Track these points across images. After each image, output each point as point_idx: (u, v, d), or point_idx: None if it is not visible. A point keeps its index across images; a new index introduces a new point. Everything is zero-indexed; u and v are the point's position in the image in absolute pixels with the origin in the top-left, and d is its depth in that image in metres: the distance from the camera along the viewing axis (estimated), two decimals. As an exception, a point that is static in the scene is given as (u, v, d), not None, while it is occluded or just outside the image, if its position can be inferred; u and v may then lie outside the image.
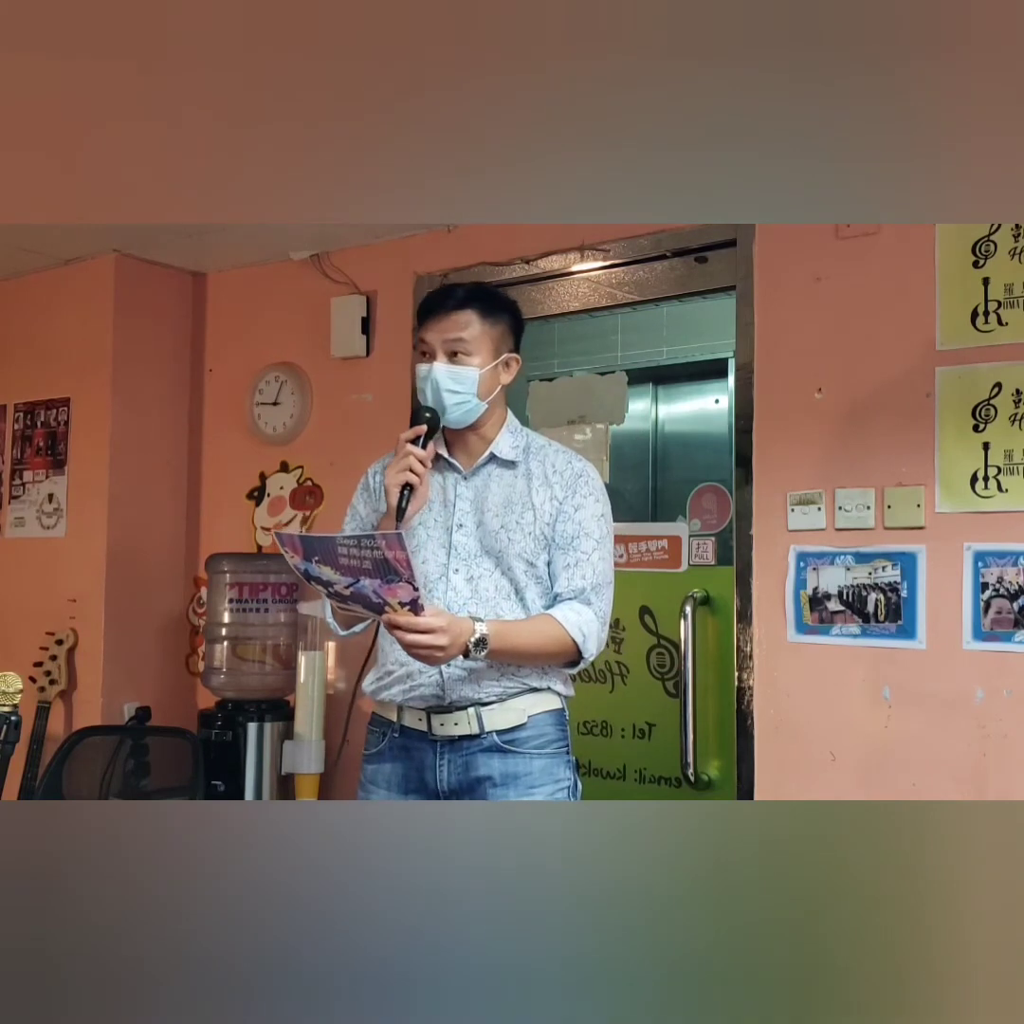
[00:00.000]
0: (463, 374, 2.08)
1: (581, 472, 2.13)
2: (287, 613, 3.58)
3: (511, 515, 2.09)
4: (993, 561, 2.49)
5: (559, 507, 2.09)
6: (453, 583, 2.07)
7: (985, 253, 2.55)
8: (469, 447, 2.16)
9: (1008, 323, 2.50)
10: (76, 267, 3.91)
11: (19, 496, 4.07)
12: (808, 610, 2.74)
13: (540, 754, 2.06)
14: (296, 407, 3.79)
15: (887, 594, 2.63)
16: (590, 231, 3.13)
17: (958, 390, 2.56)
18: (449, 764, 2.05)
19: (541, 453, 2.16)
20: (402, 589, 1.81)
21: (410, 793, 2.09)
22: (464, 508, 2.11)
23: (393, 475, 2.02)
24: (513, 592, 2.07)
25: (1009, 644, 2.47)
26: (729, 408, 3.57)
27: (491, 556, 2.07)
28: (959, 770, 2.52)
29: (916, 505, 2.59)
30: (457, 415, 2.10)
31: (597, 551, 2.09)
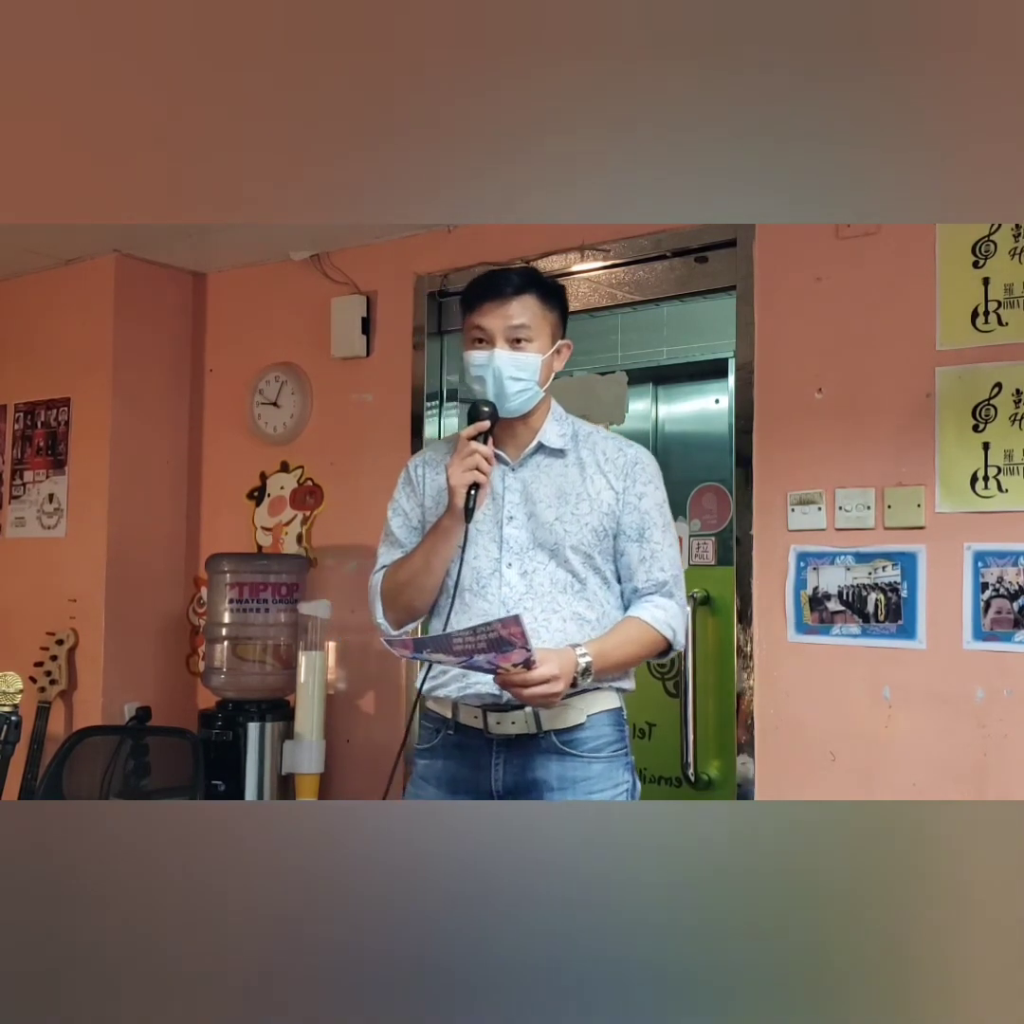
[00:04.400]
0: (526, 361, 1.99)
1: (636, 459, 2.06)
2: (287, 613, 3.58)
3: (565, 506, 2.02)
4: (993, 561, 2.49)
5: (620, 497, 2.03)
6: (507, 578, 2.00)
7: (985, 253, 2.55)
8: (516, 437, 2.07)
9: (1008, 323, 2.51)
10: (76, 267, 3.91)
11: (19, 496, 4.07)
12: (808, 610, 2.74)
13: (598, 758, 2.00)
14: (296, 407, 3.79)
15: (887, 594, 2.63)
16: (590, 231, 3.13)
17: (958, 390, 2.56)
18: (505, 764, 1.99)
19: (590, 440, 2.08)
20: (516, 654, 1.76)
21: (460, 794, 2.01)
22: (513, 500, 2.04)
23: (459, 474, 1.94)
24: (570, 585, 2.00)
25: (1009, 644, 2.47)
26: (729, 408, 3.57)
27: (545, 549, 2.01)
28: (959, 770, 2.52)
29: (916, 505, 2.59)
30: (517, 403, 2.01)
31: (667, 539, 2.04)
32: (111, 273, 3.82)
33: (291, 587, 3.61)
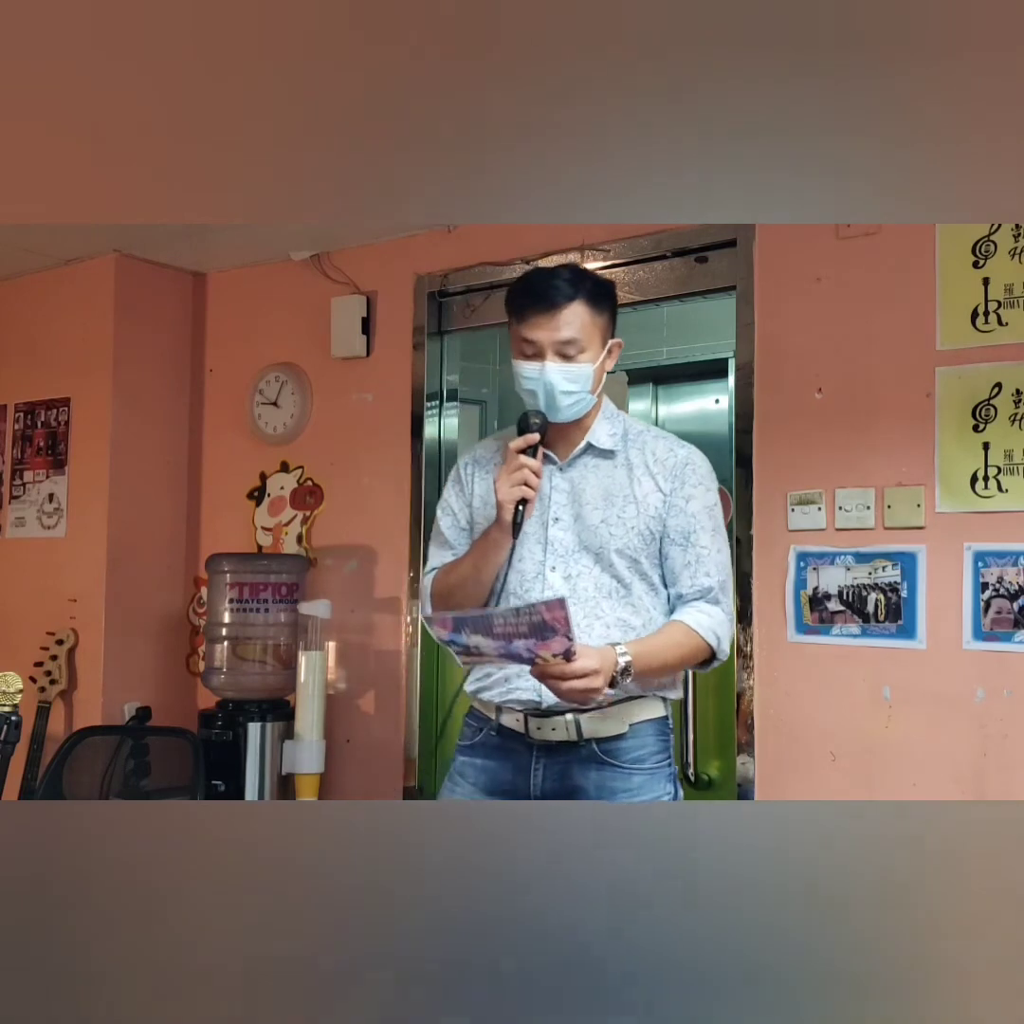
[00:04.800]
0: (577, 372, 1.93)
1: (687, 460, 2.01)
2: (287, 613, 3.58)
3: (612, 508, 1.96)
4: (993, 561, 2.49)
5: (667, 500, 1.97)
6: (550, 582, 1.96)
7: (985, 253, 2.55)
8: (566, 436, 2.02)
9: (1008, 323, 2.51)
10: (76, 267, 3.91)
11: (19, 496, 4.07)
12: (808, 610, 2.74)
13: (640, 769, 1.95)
14: (296, 407, 3.79)
15: (887, 594, 2.63)
16: (590, 231, 3.13)
17: (958, 390, 2.56)
18: (545, 770, 1.96)
19: (640, 440, 2.03)
20: (556, 643, 1.71)
21: (497, 795, 1.98)
22: (560, 501, 1.99)
23: (507, 489, 1.90)
24: (615, 590, 1.95)
25: (1009, 644, 2.47)
26: (729, 408, 3.57)
27: (590, 552, 1.96)
28: (959, 770, 2.52)
29: (916, 505, 2.59)
30: (570, 414, 1.96)
31: (715, 544, 1.98)
32: (111, 273, 3.82)
33: (291, 587, 3.61)
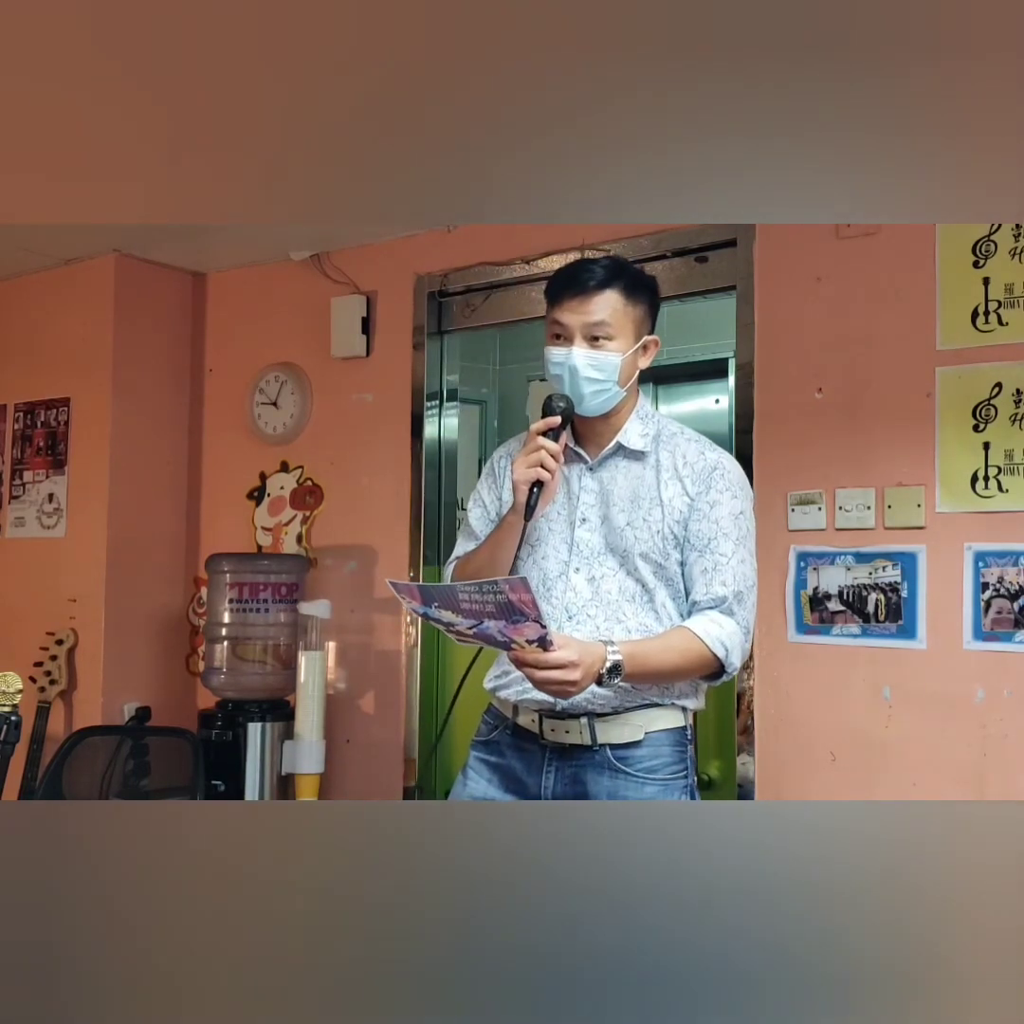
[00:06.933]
0: (604, 360, 1.90)
1: (716, 464, 1.95)
2: (287, 613, 3.58)
3: (638, 511, 1.93)
4: (993, 561, 2.49)
5: (692, 504, 1.92)
6: (573, 583, 1.93)
7: (985, 253, 2.55)
8: (598, 435, 1.99)
9: (1008, 323, 2.50)
10: (76, 267, 3.91)
11: (19, 496, 4.07)
12: (808, 610, 2.74)
13: (653, 780, 1.92)
14: (296, 407, 3.79)
15: (887, 594, 2.63)
16: (590, 231, 3.13)
17: (958, 390, 2.56)
18: (556, 772, 1.94)
19: (672, 442, 1.98)
20: (529, 628, 1.68)
21: (509, 793, 1.97)
22: (588, 501, 1.96)
23: (523, 470, 1.87)
24: (639, 595, 1.92)
25: (1009, 644, 2.47)
26: (729, 408, 3.57)
27: (615, 555, 1.93)
28: (959, 770, 2.52)
29: (916, 505, 2.59)
30: (594, 404, 1.93)
31: (737, 553, 1.91)
32: (111, 273, 3.82)
33: (291, 587, 3.61)
